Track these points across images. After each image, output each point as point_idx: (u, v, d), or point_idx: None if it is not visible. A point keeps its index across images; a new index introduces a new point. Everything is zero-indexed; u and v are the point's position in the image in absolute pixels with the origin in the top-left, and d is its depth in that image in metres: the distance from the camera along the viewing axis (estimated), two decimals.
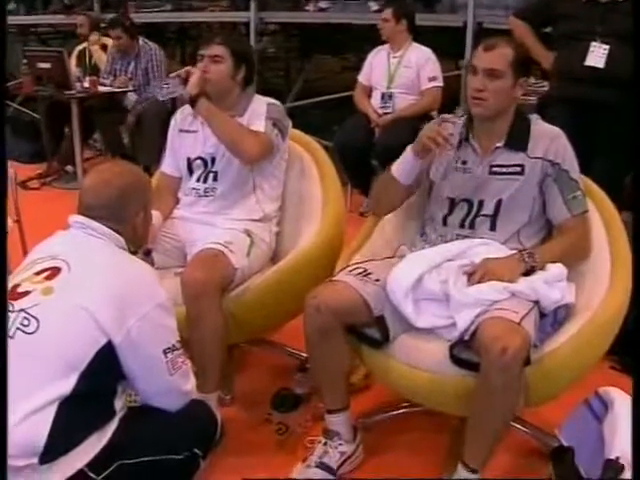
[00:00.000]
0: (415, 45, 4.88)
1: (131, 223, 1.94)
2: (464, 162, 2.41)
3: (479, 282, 2.18)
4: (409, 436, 2.56)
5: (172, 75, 2.65)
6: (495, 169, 2.36)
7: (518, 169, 2.33)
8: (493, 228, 2.35)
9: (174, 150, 2.85)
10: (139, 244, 2.07)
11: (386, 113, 4.79)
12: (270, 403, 2.57)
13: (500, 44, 2.29)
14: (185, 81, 2.61)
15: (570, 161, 2.34)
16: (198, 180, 2.76)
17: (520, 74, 2.30)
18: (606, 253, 2.34)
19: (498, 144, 2.36)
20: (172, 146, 2.86)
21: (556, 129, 2.39)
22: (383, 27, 4.86)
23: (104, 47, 6.36)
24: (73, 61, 6.35)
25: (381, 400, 2.71)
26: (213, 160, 2.72)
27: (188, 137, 2.75)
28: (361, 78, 5.07)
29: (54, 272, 1.78)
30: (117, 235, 1.89)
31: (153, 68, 5.93)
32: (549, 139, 2.34)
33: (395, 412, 2.65)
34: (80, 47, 6.54)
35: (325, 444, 2.34)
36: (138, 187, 1.98)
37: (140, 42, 6.01)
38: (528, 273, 2.23)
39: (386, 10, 4.85)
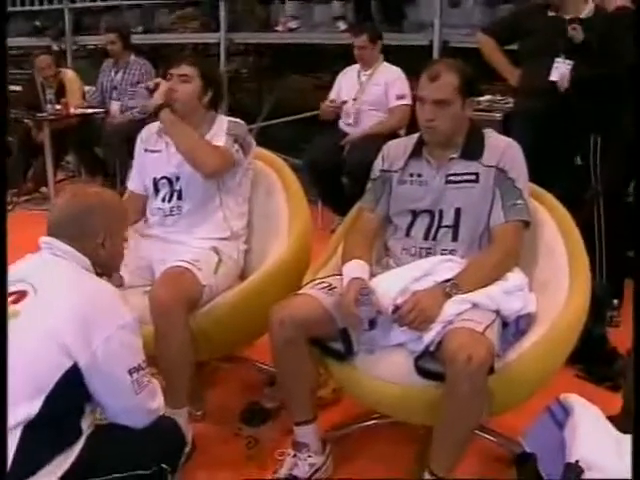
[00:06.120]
0: (385, 64, 4.94)
1: (94, 242, 1.93)
2: (419, 175, 2.43)
3: (411, 320, 2.14)
4: (378, 447, 2.59)
5: (140, 86, 2.70)
6: (451, 178, 2.37)
7: (473, 177, 2.35)
8: (455, 238, 2.35)
9: (140, 169, 2.88)
10: (107, 270, 2.05)
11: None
12: (240, 418, 2.59)
13: (444, 71, 2.29)
14: (152, 92, 2.66)
15: (518, 170, 2.35)
16: (163, 200, 2.79)
17: (468, 95, 2.33)
18: (565, 264, 2.37)
19: (453, 155, 2.39)
20: (138, 164, 2.89)
21: (509, 140, 2.43)
22: (361, 54, 4.89)
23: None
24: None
25: (350, 413, 2.73)
26: (177, 179, 2.75)
27: (152, 156, 2.77)
28: (331, 96, 5.10)
29: (20, 296, 1.79)
30: (81, 255, 1.89)
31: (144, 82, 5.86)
32: (502, 149, 2.37)
33: (364, 424, 2.67)
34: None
35: (294, 456, 2.36)
36: (104, 207, 1.97)
37: (132, 57, 5.89)
38: None
39: (361, 37, 4.86)
